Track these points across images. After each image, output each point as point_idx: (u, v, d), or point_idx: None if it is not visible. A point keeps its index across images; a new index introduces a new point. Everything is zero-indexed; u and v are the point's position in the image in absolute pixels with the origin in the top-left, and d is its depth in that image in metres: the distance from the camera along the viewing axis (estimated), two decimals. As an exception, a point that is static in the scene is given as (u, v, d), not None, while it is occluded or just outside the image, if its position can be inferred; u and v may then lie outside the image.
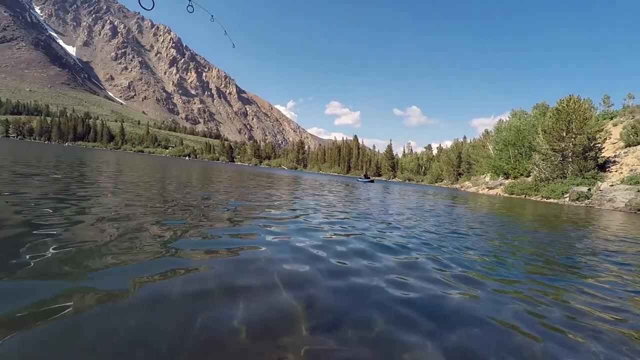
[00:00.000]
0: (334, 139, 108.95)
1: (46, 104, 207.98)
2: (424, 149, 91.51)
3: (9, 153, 16.09)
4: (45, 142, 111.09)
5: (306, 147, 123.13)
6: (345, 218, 5.71)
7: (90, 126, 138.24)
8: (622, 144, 31.26)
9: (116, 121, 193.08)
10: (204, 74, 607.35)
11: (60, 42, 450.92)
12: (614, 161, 28.58)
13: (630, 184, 21.37)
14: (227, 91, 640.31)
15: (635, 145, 29.09)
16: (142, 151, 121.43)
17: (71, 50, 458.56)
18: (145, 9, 2.67)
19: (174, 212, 4.49)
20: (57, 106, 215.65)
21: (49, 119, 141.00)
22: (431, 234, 4.94)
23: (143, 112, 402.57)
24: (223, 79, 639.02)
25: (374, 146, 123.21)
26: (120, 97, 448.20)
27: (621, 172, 25.92)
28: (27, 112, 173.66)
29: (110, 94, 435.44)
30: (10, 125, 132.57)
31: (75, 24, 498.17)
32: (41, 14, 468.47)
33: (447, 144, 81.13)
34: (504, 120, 46.81)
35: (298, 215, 5.42)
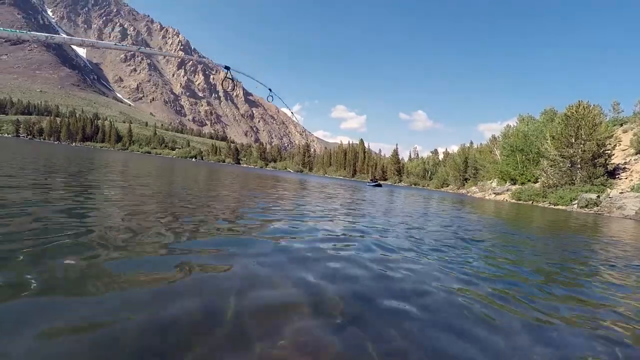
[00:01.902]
0: (339, 142, 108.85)
1: (56, 104, 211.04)
2: (430, 154, 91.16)
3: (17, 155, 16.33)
4: (55, 142, 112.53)
5: (312, 150, 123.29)
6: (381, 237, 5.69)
7: (99, 127, 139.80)
8: (632, 150, 30.83)
9: (124, 122, 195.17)
10: (211, 77, 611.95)
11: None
12: (624, 168, 28.21)
13: (641, 192, 21.08)
14: (234, 94, 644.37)
15: (646, 153, 28.73)
16: (149, 152, 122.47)
17: (81, 52, 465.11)
18: (225, 90, 2.97)
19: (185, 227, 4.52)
20: (67, 107, 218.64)
21: (58, 119, 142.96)
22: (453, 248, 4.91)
23: (151, 114, 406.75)
24: (230, 82, 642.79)
25: (379, 150, 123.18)
26: (129, 98, 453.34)
27: (631, 180, 25.57)
28: (38, 113, 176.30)
29: (119, 95, 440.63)
30: (21, 125, 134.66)
31: (86, 26, 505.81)
32: (53, 16, 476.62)
33: (454, 148, 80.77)
34: (512, 126, 46.52)
35: (304, 220, 5.42)
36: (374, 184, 37.32)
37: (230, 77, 3.05)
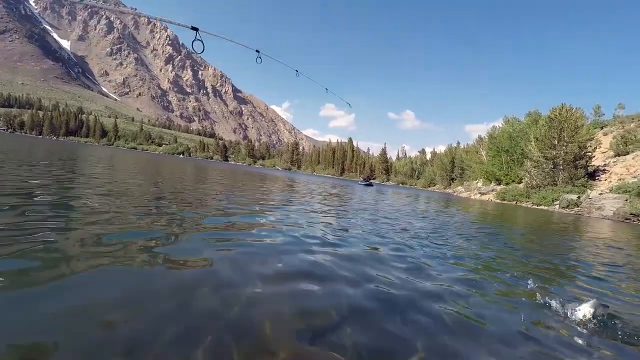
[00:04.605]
0: (328, 141, 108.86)
1: (38, 97, 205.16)
2: (418, 153, 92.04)
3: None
4: (39, 136, 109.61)
5: (301, 148, 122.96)
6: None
7: (83, 121, 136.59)
8: (611, 153, 31.78)
9: (110, 117, 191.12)
10: (200, 72, 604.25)
11: (55, 35, 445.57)
12: (604, 170, 29.02)
13: (619, 193, 21.72)
14: (223, 90, 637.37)
15: (624, 155, 29.60)
16: (136, 148, 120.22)
17: (66, 44, 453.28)
18: (195, 52, 2.80)
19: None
20: (50, 100, 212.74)
21: (40, 112, 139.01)
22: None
23: (137, 109, 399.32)
24: (219, 78, 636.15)
25: (368, 149, 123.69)
26: (115, 93, 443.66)
27: (610, 181, 26.33)
28: (19, 105, 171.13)
29: (104, 89, 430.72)
30: (1, 118, 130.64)
31: (70, 17, 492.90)
32: (36, 7, 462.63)
33: (441, 148, 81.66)
34: (497, 127, 47.21)
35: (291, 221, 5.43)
36: (366, 183, 37.13)
37: (200, 38, 2.95)
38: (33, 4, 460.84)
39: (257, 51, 3.75)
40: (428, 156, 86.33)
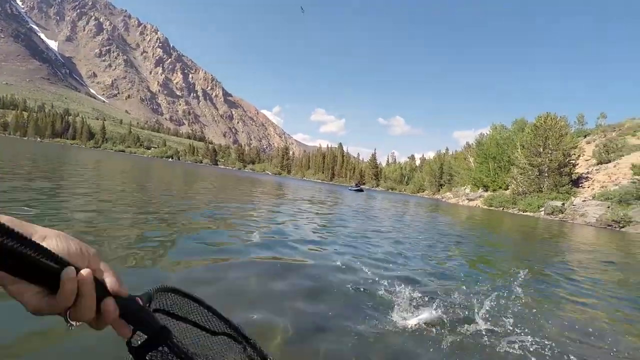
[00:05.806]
0: (319, 145, 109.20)
1: (24, 98, 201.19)
2: (407, 159, 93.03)
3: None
4: (23, 138, 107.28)
5: (291, 153, 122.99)
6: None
7: (70, 123, 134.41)
8: (594, 161, 32.63)
9: (97, 119, 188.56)
10: (190, 76, 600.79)
11: (42, 35, 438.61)
12: (587, 177, 29.78)
13: (601, 200, 22.29)
14: (214, 94, 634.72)
15: (607, 163, 30.43)
16: (123, 151, 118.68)
17: (53, 44, 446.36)
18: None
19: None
20: (36, 101, 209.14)
21: (25, 113, 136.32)
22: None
23: (126, 111, 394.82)
24: (209, 81, 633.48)
25: (358, 154, 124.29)
26: (103, 94, 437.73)
27: (593, 188, 27.00)
28: (3, 106, 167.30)
29: (92, 91, 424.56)
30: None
31: (58, 18, 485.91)
32: (22, 6, 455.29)
33: (430, 154, 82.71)
34: (485, 134, 48.04)
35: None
36: (356, 188, 37.35)
37: None
38: (20, 3, 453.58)
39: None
40: (417, 162, 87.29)
